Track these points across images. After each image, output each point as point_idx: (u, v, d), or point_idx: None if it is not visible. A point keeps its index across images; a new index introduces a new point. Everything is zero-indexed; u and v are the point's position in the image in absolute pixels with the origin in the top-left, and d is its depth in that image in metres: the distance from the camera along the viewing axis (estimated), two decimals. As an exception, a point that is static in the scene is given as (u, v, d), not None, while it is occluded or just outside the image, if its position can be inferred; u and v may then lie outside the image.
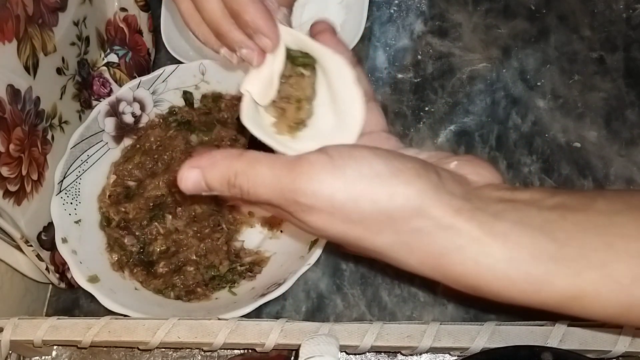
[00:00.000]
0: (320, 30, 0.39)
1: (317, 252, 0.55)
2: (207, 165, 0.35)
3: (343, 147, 0.33)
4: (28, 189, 0.53)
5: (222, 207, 0.62)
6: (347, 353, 0.52)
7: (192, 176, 0.35)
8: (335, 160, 0.32)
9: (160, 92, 0.64)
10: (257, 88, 0.38)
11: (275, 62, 0.38)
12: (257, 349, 0.48)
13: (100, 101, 0.64)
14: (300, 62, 0.38)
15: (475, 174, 0.35)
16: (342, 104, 0.37)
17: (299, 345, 0.42)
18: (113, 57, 0.67)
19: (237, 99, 0.64)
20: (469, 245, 0.31)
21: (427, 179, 0.32)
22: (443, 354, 0.52)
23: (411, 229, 0.32)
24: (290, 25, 0.38)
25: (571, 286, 0.31)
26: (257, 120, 0.38)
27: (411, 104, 0.68)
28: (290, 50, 0.38)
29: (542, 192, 0.33)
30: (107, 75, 0.67)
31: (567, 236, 0.31)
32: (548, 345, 0.45)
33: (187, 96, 0.65)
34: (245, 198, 0.35)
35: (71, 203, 0.59)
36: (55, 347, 0.54)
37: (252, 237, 0.62)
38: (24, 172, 0.52)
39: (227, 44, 0.39)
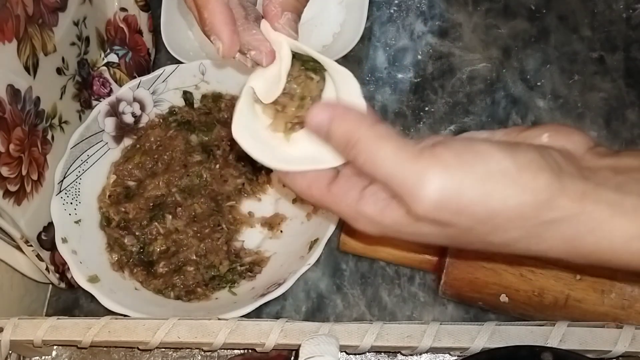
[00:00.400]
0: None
1: (317, 252, 0.55)
2: (339, 114, 0.34)
3: (463, 141, 0.32)
4: (28, 189, 0.53)
5: (222, 207, 0.62)
6: (347, 353, 0.52)
7: (321, 115, 0.34)
8: (462, 155, 0.31)
9: (160, 92, 0.64)
10: (262, 85, 0.38)
11: (283, 63, 0.38)
12: (257, 349, 0.48)
13: (100, 101, 0.64)
14: (310, 66, 0.38)
15: (571, 142, 0.35)
16: None
17: (299, 345, 0.42)
18: (113, 57, 0.67)
19: (237, 99, 0.64)
20: (600, 227, 0.32)
21: (549, 169, 0.32)
22: (443, 354, 0.52)
23: (542, 222, 0.32)
24: (296, 31, 0.38)
25: None
26: (250, 124, 0.38)
27: (411, 104, 0.68)
28: (301, 54, 0.38)
29: None
30: (107, 75, 0.67)
31: None
32: (548, 345, 0.45)
33: (187, 96, 0.65)
34: (356, 164, 0.34)
35: (71, 203, 0.59)
36: (55, 347, 0.54)
37: (252, 237, 0.62)
38: (24, 172, 0.52)
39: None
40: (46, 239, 0.56)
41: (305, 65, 0.38)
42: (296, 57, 0.38)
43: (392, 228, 0.35)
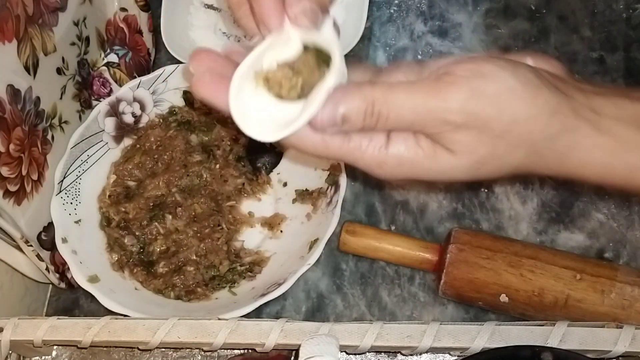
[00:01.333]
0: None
1: (317, 252, 0.55)
2: (340, 97, 0.35)
3: (469, 65, 0.35)
4: (28, 189, 0.53)
5: (222, 207, 0.62)
6: (347, 353, 0.52)
7: (326, 110, 0.35)
8: (472, 79, 0.34)
9: (160, 92, 0.64)
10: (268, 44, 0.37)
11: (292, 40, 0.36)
12: (257, 349, 0.48)
13: (100, 101, 0.64)
14: (324, 57, 0.37)
15: (552, 67, 0.37)
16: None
17: (299, 345, 0.42)
18: (113, 57, 0.67)
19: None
20: (584, 141, 0.36)
21: (546, 87, 0.35)
22: (443, 354, 0.52)
23: (544, 136, 0.35)
24: (310, 19, 0.36)
25: None
26: (247, 103, 0.37)
27: (411, 104, 0.68)
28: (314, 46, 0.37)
29: (620, 88, 0.38)
30: (107, 75, 0.67)
31: None
32: (548, 345, 0.45)
33: (187, 96, 0.65)
34: (381, 125, 0.35)
35: (71, 203, 0.59)
36: (55, 347, 0.54)
37: (252, 237, 0.62)
38: (24, 172, 0.52)
39: (243, 30, 0.39)
40: (46, 239, 0.56)
41: (320, 56, 0.37)
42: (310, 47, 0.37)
43: (421, 164, 0.36)
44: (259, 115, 0.36)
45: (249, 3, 0.37)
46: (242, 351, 0.51)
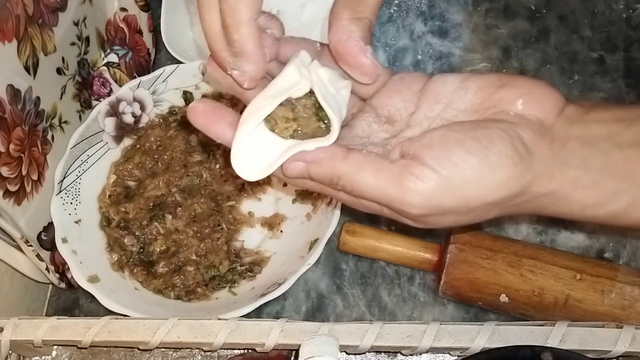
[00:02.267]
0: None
1: (317, 252, 0.55)
2: (311, 161, 0.36)
3: (439, 152, 0.35)
4: (28, 189, 0.53)
5: (222, 207, 0.62)
6: (347, 353, 0.52)
7: (296, 168, 0.37)
8: (439, 171, 0.34)
9: (160, 92, 0.64)
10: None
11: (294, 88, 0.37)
12: (257, 349, 0.48)
13: (100, 101, 0.64)
14: (323, 115, 0.37)
15: (543, 109, 0.36)
16: None
17: (299, 345, 0.42)
18: (113, 57, 0.67)
19: (237, 98, 0.64)
20: (563, 199, 0.36)
21: (520, 162, 0.35)
22: (443, 354, 0.52)
23: (515, 204, 0.36)
24: (378, 63, 0.37)
25: None
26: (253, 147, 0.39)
27: (411, 104, 0.68)
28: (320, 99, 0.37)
29: (615, 121, 0.36)
30: (107, 75, 0.67)
31: None
32: (548, 345, 0.45)
33: (187, 96, 0.65)
34: (346, 192, 0.37)
35: (71, 203, 0.59)
36: (55, 347, 0.54)
37: (252, 237, 0.62)
38: (24, 172, 0.52)
39: (218, 62, 0.39)
40: (46, 239, 0.56)
41: (319, 113, 0.37)
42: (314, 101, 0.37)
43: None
44: (252, 147, 0.38)
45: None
46: (242, 351, 0.51)
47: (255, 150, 0.38)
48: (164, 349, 0.53)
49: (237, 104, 0.64)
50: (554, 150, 0.36)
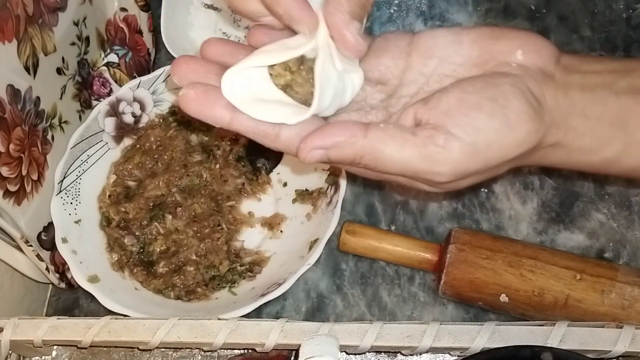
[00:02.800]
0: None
1: (317, 252, 0.55)
2: (331, 146, 0.36)
3: (461, 119, 0.35)
4: (28, 189, 0.53)
5: (222, 207, 0.62)
6: (347, 353, 0.52)
7: (316, 155, 0.36)
8: (464, 139, 0.35)
9: (160, 92, 0.64)
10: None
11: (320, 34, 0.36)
12: (257, 349, 0.48)
13: (100, 101, 0.64)
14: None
15: (541, 59, 0.37)
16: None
17: (299, 345, 0.42)
18: (113, 57, 0.67)
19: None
20: (564, 147, 0.38)
21: (536, 116, 0.36)
22: (443, 354, 0.52)
23: (531, 156, 0.38)
24: (364, 39, 0.36)
25: (636, 162, 0.38)
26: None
27: (411, 104, 0.68)
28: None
29: (610, 72, 0.38)
30: (107, 75, 0.67)
31: (638, 121, 0.37)
32: (548, 345, 0.45)
33: (187, 96, 0.65)
34: (371, 170, 0.37)
35: (71, 203, 0.59)
36: (55, 347, 0.54)
37: (252, 237, 0.62)
38: (24, 172, 0.52)
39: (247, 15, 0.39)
40: (46, 239, 0.56)
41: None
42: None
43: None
44: (246, 78, 0.37)
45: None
46: (242, 351, 0.51)
47: (246, 82, 0.37)
48: (164, 349, 0.53)
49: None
50: (558, 100, 0.37)
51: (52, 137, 0.57)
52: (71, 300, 0.62)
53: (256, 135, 0.37)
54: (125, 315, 0.52)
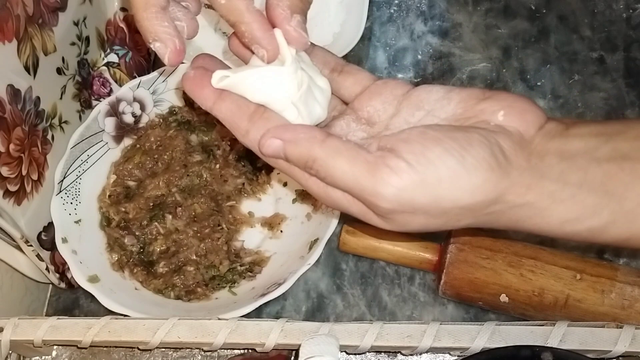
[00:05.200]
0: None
1: (317, 252, 0.55)
2: (289, 139, 0.36)
3: (416, 147, 0.35)
4: (28, 189, 0.53)
5: (222, 207, 0.62)
6: (347, 353, 0.52)
7: (273, 145, 0.37)
8: (415, 166, 0.34)
9: (160, 92, 0.64)
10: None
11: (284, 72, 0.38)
12: (257, 349, 0.48)
13: (100, 101, 0.64)
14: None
15: (524, 123, 0.36)
16: None
17: (299, 345, 0.42)
18: (113, 57, 0.67)
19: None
20: (540, 213, 0.36)
21: (498, 168, 0.35)
22: (443, 354, 0.52)
23: (489, 212, 0.36)
24: (306, 32, 0.38)
25: (626, 232, 0.36)
26: None
27: (411, 104, 0.68)
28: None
29: (594, 135, 0.36)
30: (107, 75, 0.67)
31: (625, 189, 0.35)
32: (548, 345, 0.45)
33: (187, 96, 0.65)
34: (319, 178, 0.37)
35: (71, 203, 0.59)
36: (55, 347, 0.54)
37: (252, 237, 0.62)
38: (24, 172, 0.52)
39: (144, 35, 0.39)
40: (46, 239, 0.56)
41: None
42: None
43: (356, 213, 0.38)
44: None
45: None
46: (242, 351, 0.51)
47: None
48: (164, 349, 0.53)
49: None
50: (532, 162, 0.36)
51: (52, 137, 0.57)
52: (71, 300, 0.62)
53: (230, 125, 0.38)
54: (125, 315, 0.52)
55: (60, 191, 0.58)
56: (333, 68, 0.42)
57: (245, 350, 0.51)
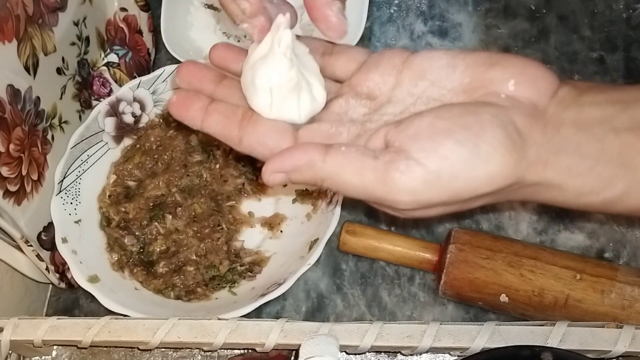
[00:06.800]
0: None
1: (317, 252, 0.55)
2: (290, 170, 0.36)
3: (427, 144, 0.33)
4: (28, 189, 0.53)
5: (222, 207, 0.62)
6: (347, 353, 0.52)
7: (277, 179, 0.36)
8: (427, 165, 0.33)
9: (160, 92, 0.64)
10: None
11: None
12: (257, 349, 0.48)
13: (100, 101, 0.64)
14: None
15: (536, 91, 0.35)
16: None
17: (299, 345, 0.42)
18: (113, 57, 0.67)
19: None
20: (558, 187, 0.35)
21: (514, 150, 0.33)
22: (443, 354, 0.52)
23: (508, 192, 0.35)
24: (346, 19, 0.37)
25: None
26: None
27: (411, 104, 0.68)
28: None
29: (610, 103, 0.35)
30: (107, 75, 0.67)
31: None
32: (548, 345, 0.45)
33: (187, 96, 0.65)
34: (334, 192, 0.37)
35: (71, 203, 0.59)
36: (55, 347, 0.54)
37: (252, 237, 0.62)
38: (24, 172, 0.52)
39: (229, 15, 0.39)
40: (46, 239, 0.56)
41: None
42: None
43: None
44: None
45: None
46: (242, 351, 0.51)
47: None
48: (164, 349, 0.53)
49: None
50: (548, 136, 0.34)
51: (52, 137, 0.57)
52: (71, 300, 0.62)
53: (223, 138, 0.38)
54: (125, 315, 0.52)
55: (60, 191, 0.58)
56: (323, 52, 0.41)
57: (245, 350, 0.51)
